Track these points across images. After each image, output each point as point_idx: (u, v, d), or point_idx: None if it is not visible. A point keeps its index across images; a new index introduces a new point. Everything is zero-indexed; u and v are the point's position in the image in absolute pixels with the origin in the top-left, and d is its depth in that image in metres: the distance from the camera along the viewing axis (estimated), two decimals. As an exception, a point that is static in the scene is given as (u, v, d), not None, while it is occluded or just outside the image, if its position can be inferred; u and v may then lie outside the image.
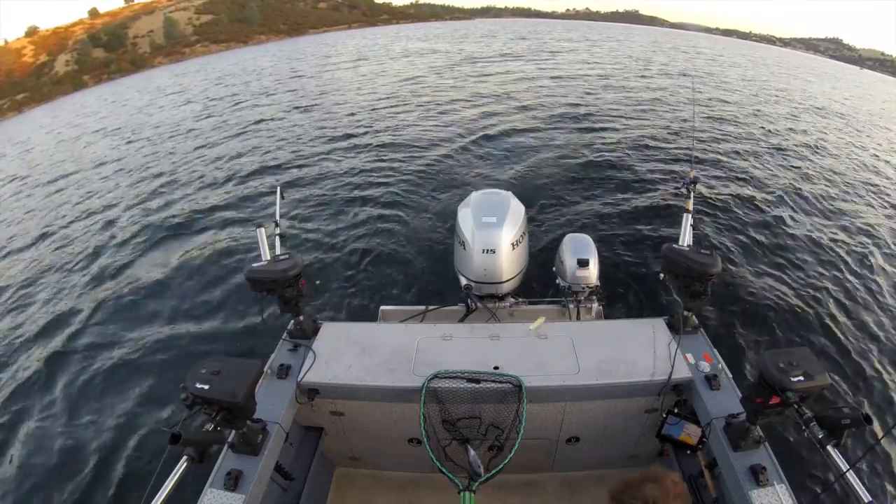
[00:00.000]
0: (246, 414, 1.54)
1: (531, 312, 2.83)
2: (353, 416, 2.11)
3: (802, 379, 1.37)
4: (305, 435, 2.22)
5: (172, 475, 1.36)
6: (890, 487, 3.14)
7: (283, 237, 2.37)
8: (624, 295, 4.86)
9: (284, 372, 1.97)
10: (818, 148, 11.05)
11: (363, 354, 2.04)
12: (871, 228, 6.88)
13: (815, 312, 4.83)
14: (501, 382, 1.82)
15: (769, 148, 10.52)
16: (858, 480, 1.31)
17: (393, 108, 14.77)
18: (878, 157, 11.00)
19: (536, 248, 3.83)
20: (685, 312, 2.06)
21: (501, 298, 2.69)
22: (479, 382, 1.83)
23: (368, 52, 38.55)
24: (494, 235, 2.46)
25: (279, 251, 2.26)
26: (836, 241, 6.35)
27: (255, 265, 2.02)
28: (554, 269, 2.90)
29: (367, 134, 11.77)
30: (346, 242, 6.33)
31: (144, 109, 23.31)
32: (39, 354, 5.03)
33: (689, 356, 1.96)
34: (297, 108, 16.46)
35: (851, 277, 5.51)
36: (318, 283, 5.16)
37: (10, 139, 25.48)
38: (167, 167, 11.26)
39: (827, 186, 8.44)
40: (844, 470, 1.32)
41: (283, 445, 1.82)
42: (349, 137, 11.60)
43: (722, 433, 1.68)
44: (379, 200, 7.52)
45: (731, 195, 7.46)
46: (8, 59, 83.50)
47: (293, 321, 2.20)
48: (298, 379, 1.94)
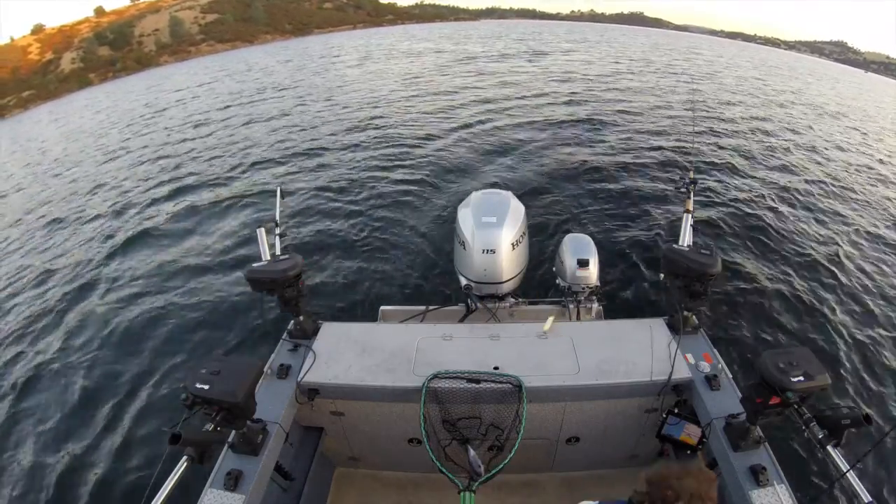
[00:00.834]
0: (246, 414, 1.54)
1: (531, 312, 2.83)
2: (353, 416, 2.11)
3: (802, 379, 1.37)
4: (305, 435, 2.22)
5: (172, 475, 1.36)
6: (890, 487, 3.14)
7: (283, 237, 2.36)
8: (624, 295, 4.86)
9: (284, 372, 1.97)
10: (818, 148, 11.06)
11: (363, 354, 2.04)
12: (871, 229, 6.88)
13: (815, 312, 4.83)
14: (501, 382, 1.82)
15: (769, 148, 10.52)
16: (858, 480, 1.31)
17: (394, 108, 14.77)
18: (880, 160, 11.00)
19: (536, 248, 3.83)
20: (685, 312, 2.06)
21: (501, 298, 2.69)
22: (479, 382, 1.83)
23: (372, 51, 38.72)
24: (494, 235, 2.46)
25: (279, 251, 2.26)
26: (836, 241, 6.35)
27: (255, 265, 2.02)
28: (554, 269, 2.90)
29: (367, 134, 11.76)
30: (346, 242, 6.33)
31: (150, 106, 23.38)
32: (36, 353, 5.04)
33: (689, 356, 1.96)
34: (297, 107, 16.47)
35: (851, 277, 5.51)
36: (318, 282, 5.17)
37: (17, 136, 25.51)
38: (167, 166, 11.26)
39: (827, 186, 8.44)
40: (844, 470, 1.32)
41: (283, 445, 1.82)
42: (350, 137, 11.59)
43: (722, 433, 1.68)
44: (379, 200, 7.51)
45: (731, 195, 7.46)
46: (14, 56, 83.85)
47: (293, 321, 2.20)
48: (298, 379, 1.94)
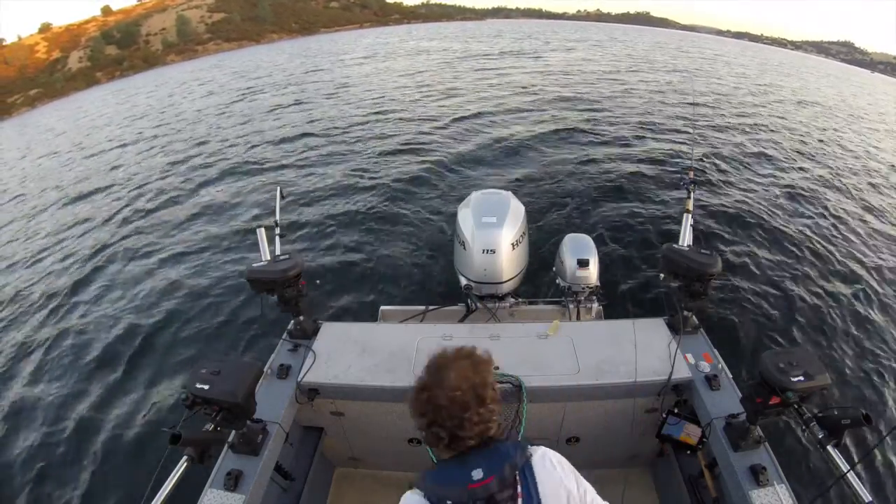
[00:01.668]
0: (246, 414, 1.54)
1: (531, 312, 2.83)
2: (353, 416, 2.11)
3: (802, 379, 1.37)
4: (305, 435, 2.22)
5: (172, 475, 1.36)
6: (890, 487, 3.14)
7: (283, 237, 2.36)
8: (624, 295, 4.86)
9: (284, 372, 1.97)
10: (819, 148, 11.06)
11: (363, 354, 2.04)
12: (873, 228, 6.88)
13: (815, 312, 4.83)
14: (501, 382, 1.82)
15: (769, 148, 10.51)
16: (858, 480, 1.31)
17: (394, 107, 14.76)
18: (882, 159, 11.00)
19: (536, 248, 3.83)
20: (685, 312, 2.06)
21: (501, 298, 2.69)
22: None
23: (377, 50, 38.81)
24: (494, 235, 2.46)
25: (279, 251, 2.26)
26: (836, 241, 6.35)
27: (255, 265, 2.02)
28: (554, 269, 2.90)
29: (368, 134, 11.76)
30: (346, 242, 6.33)
31: (156, 105, 23.41)
32: (37, 349, 5.04)
33: (689, 356, 1.96)
34: (297, 107, 16.46)
35: (852, 277, 5.51)
36: (318, 282, 5.16)
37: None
38: (167, 164, 11.27)
39: (827, 186, 8.44)
40: (845, 470, 1.32)
41: (283, 445, 1.82)
42: (350, 137, 11.59)
43: (722, 433, 1.68)
44: (379, 200, 7.51)
45: (731, 195, 7.46)
46: (21, 54, 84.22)
47: (293, 321, 2.20)
48: (298, 379, 1.94)
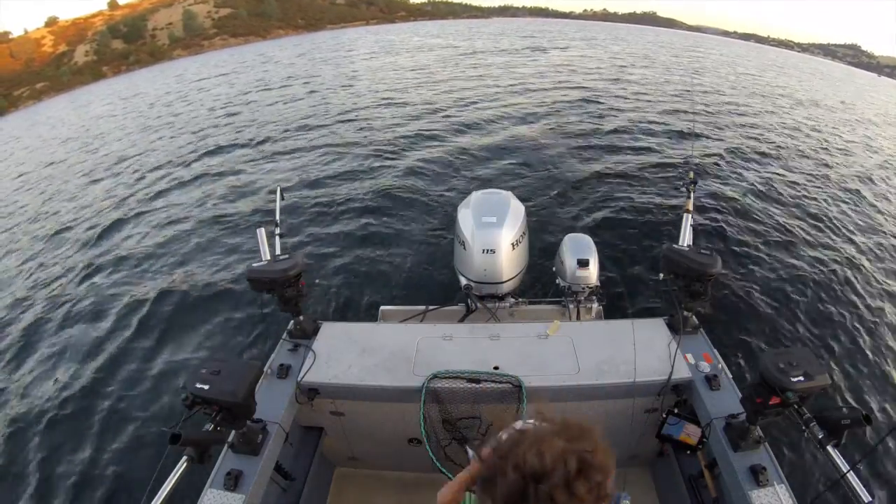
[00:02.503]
0: (246, 414, 1.54)
1: (531, 312, 2.83)
2: (353, 416, 2.11)
3: (802, 379, 1.37)
4: (305, 435, 2.22)
5: (172, 475, 1.36)
6: (890, 487, 3.14)
7: (283, 237, 2.36)
8: (624, 295, 4.85)
9: (284, 372, 1.97)
10: (819, 148, 11.07)
11: (363, 354, 2.04)
12: (874, 228, 6.89)
13: (815, 312, 4.84)
14: (501, 383, 1.82)
15: (770, 147, 10.52)
16: (858, 480, 1.31)
17: (395, 107, 14.76)
18: (883, 158, 11.01)
19: (536, 248, 3.83)
20: (685, 312, 2.06)
21: (501, 298, 2.69)
22: (479, 382, 1.83)
23: (382, 47, 38.93)
24: (494, 235, 2.46)
25: (279, 251, 2.26)
26: (838, 241, 6.36)
27: (255, 265, 2.02)
28: (554, 269, 2.90)
29: (368, 134, 11.76)
30: (346, 242, 6.33)
31: (162, 100, 23.45)
32: (33, 349, 5.04)
33: (689, 356, 1.96)
34: (297, 107, 16.46)
35: (852, 277, 5.51)
36: (318, 281, 5.16)
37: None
38: (166, 165, 11.27)
39: (827, 186, 8.44)
40: (844, 470, 1.32)
41: (283, 445, 1.82)
42: (350, 137, 11.59)
43: (722, 433, 1.68)
44: (379, 200, 7.51)
45: (731, 195, 7.46)
46: (27, 48, 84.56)
47: (293, 321, 2.20)
48: (298, 379, 1.93)
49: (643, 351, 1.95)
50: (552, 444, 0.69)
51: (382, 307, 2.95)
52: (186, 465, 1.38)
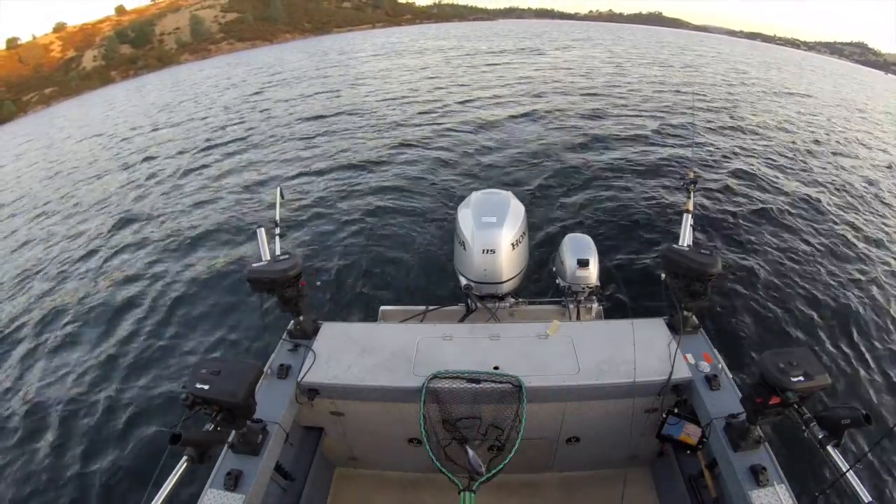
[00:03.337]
0: (246, 414, 1.54)
1: (531, 312, 2.83)
2: (353, 416, 2.11)
3: (802, 379, 1.37)
4: (305, 435, 2.22)
5: (172, 475, 1.35)
6: (890, 487, 3.14)
7: (283, 237, 2.36)
8: (624, 295, 4.86)
9: (284, 372, 1.97)
10: (820, 149, 11.05)
11: (363, 354, 2.04)
12: (875, 229, 6.88)
13: (815, 312, 4.84)
14: (501, 383, 1.82)
15: (770, 147, 10.52)
16: (858, 480, 1.31)
17: (395, 107, 14.77)
18: (883, 159, 11.00)
19: (536, 248, 3.83)
20: (685, 312, 2.06)
21: (501, 298, 2.68)
22: (479, 382, 1.82)
23: (387, 49, 39.06)
24: (494, 235, 2.45)
25: (279, 251, 2.26)
26: (838, 241, 6.35)
27: (255, 265, 2.02)
28: (554, 269, 2.90)
29: (368, 133, 11.77)
30: (346, 242, 6.33)
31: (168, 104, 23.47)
32: (33, 349, 5.04)
33: (689, 356, 1.96)
34: (296, 107, 16.46)
35: (852, 278, 5.51)
36: (318, 283, 5.16)
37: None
38: (165, 165, 11.27)
39: (828, 186, 8.44)
40: (844, 470, 1.32)
41: (283, 445, 1.82)
42: (350, 137, 11.60)
43: (722, 433, 1.68)
44: (379, 200, 7.52)
45: (731, 195, 7.46)
46: (36, 53, 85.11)
47: (293, 321, 2.19)
48: (298, 379, 1.93)
49: (643, 351, 1.95)
50: None
51: (382, 307, 2.94)
52: (186, 465, 1.38)
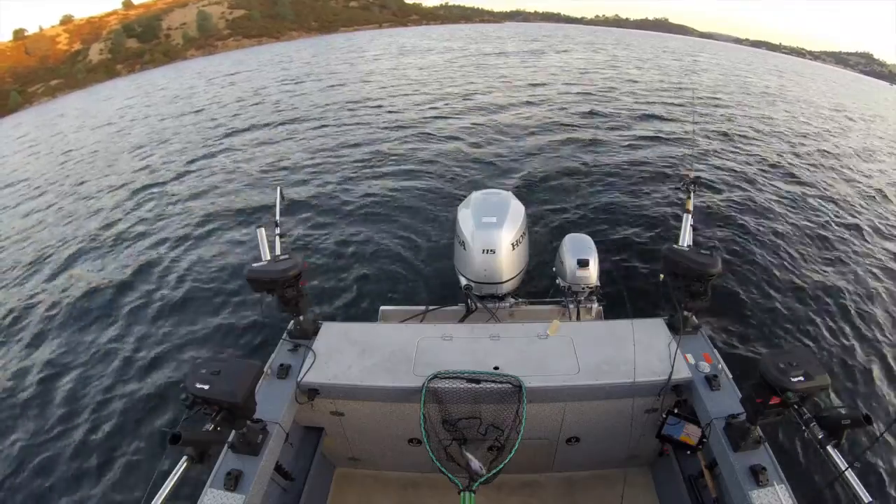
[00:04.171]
0: (246, 414, 1.54)
1: (531, 312, 2.83)
2: (353, 416, 2.11)
3: (802, 379, 1.37)
4: (305, 435, 2.22)
5: (172, 475, 1.35)
6: (890, 487, 3.14)
7: (283, 237, 2.36)
8: (624, 295, 4.84)
9: (284, 372, 1.97)
10: (820, 149, 11.07)
11: (363, 354, 2.04)
12: (875, 229, 6.89)
13: (815, 312, 4.84)
14: (501, 383, 1.82)
15: (770, 148, 10.53)
16: (858, 480, 1.31)
17: (396, 107, 14.78)
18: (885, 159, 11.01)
19: (536, 248, 3.83)
20: (685, 312, 2.06)
21: (501, 299, 2.69)
22: (479, 383, 1.82)
23: (391, 50, 39.07)
24: (494, 236, 2.45)
25: (279, 251, 2.26)
26: (837, 241, 6.36)
27: (255, 265, 2.02)
28: (554, 269, 2.90)
29: (368, 134, 11.77)
30: (346, 242, 6.33)
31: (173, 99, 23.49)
32: (34, 349, 5.04)
33: (689, 356, 1.96)
34: (298, 107, 16.46)
35: (852, 278, 5.51)
36: (317, 283, 5.17)
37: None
38: (164, 166, 11.27)
39: (828, 186, 8.45)
40: (844, 470, 1.32)
41: (283, 445, 1.82)
42: (351, 137, 11.60)
43: (722, 433, 1.68)
44: (380, 201, 7.52)
45: (731, 195, 7.47)
46: (42, 45, 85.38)
47: (293, 321, 2.19)
48: (298, 379, 1.93)
49: (643, 351, 1.95)
50: None
51: (382, 307, 2.95)
52: (186, 465, 1.38)
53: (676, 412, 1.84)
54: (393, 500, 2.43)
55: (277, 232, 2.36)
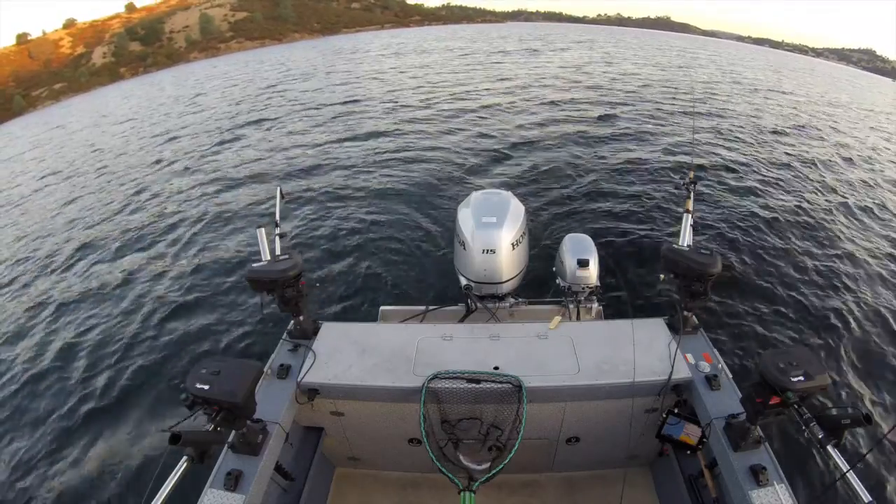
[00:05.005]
0: (246, 414, 1.54)
1: (531, 312, 2.83)
2: (353, 416, 2.11)
3: (802, 379, 1.36)
4: (305, 435, 2.22)
5: (172, 475, 1.35)
6: (890, 487, 3.14)
7: (283, 237, 2.36)
8: (624, 295, 4.86)
9: (284, 372, 1.97)
10: (820, 149, 11.05)
11: (363, 354, 2.04)
12: (875, 230, 6.88)
13: (815, 312, 4.83)
14: (501, 383, 1.82)
15: (769, 148, 10.52)
16: (858, 480, 1.31)
17: (396, 107, 14.78)
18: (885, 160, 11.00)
19: (536, 248, 3.83)
20: (685, 312, 2.06)
21: (501, 298, 2.68)
22: (479, 383, 1.82)
23: (392, 50, 39.11)
24: (494, 236, 2.45)
25: (279, 251, 2.26)
26: (837, 241, 6.35)
27: (255, 265, 2.02)
28: (554, 269, 2.90)
29: (368, 134, 11.77)
30: (346, 242, 6.33)
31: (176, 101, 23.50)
32: (34, 348, 5.04)
33: (689, 356, 1.96)
34: (298, 108, 16.46)
35: (852, 277, 5.50)
36: (317, 284, 5.16)
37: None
38: (165, 164, 11.27)
39: (827, 186, 8.44)
40: (845, 470, 1.32)
41: (283, 445, 1.82)
42: (351, 137, 11.60)
43: (722, 433, 1.68)
44: (380, 200, 7.52)
45: (731, 195, 7.46)
46: (46, 49, 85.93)
47: (293, 321, 2.19)
48: (298, 379, 1.93)
49: (643, 351, 1.95)
50: None
51: (382, 307, 2.94)
52: (186, 465, 1.38)
53: (676, 412, 1.84)
54: (393, 500, 2.43)
55: (277, 232, 2.36)
